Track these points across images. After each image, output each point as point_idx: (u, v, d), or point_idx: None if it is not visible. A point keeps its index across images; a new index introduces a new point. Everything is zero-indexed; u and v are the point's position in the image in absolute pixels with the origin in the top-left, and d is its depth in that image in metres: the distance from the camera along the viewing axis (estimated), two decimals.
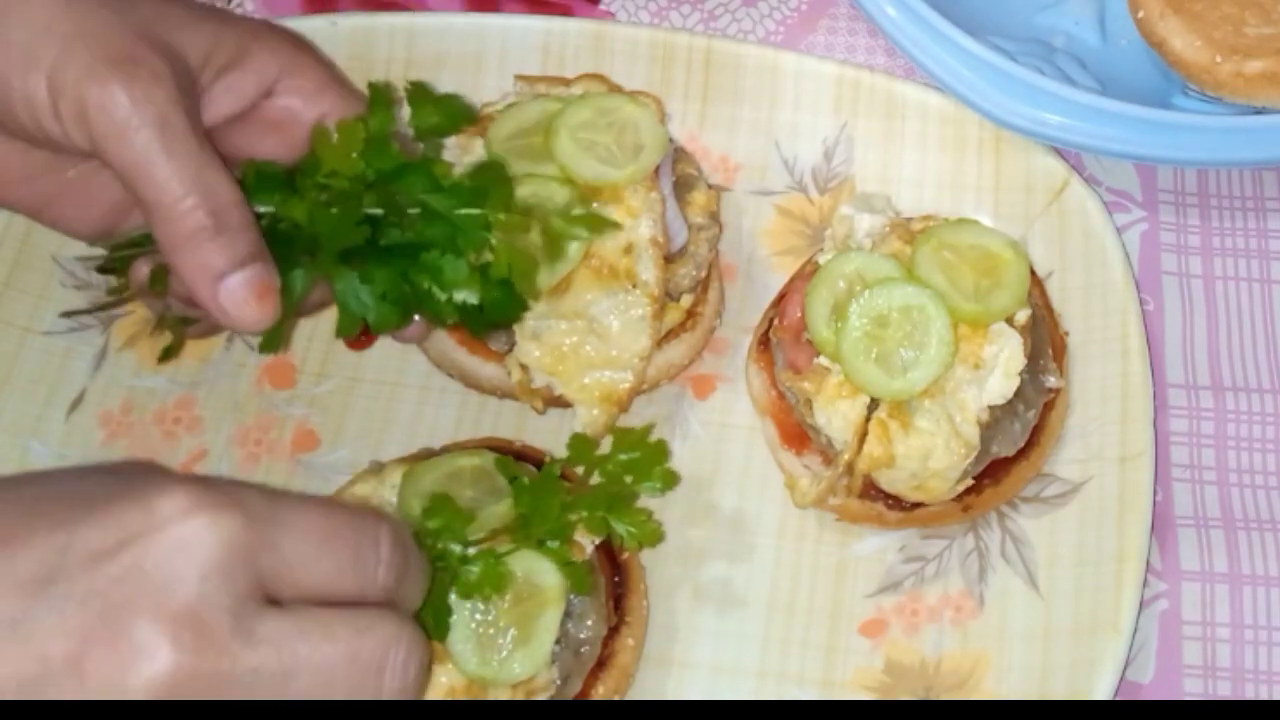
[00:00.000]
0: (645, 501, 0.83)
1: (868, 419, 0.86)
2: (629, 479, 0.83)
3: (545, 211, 0.86)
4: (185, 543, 0.59)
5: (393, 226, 0.82)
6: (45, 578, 0.58)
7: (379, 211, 0.81)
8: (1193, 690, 0.89)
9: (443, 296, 0.82)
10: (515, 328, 0.92)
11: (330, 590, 0.63)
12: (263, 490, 0.64)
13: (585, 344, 0.92)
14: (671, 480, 0.84)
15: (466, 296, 0.82)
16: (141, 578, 0.58)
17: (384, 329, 0.83)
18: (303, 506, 0.64)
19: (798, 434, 0.92)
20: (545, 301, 0.90)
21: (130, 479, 0.62)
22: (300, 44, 0.87)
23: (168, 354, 0.88)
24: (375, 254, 0.81)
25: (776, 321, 0.93)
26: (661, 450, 0.84)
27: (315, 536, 0.63)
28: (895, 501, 0.90)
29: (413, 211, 0.82)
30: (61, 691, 0.58)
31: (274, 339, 0.82)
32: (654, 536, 0.82)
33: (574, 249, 0.88)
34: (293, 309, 0.81)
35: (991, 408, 0.87)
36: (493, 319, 0.84)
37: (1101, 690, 0.84)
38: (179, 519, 0.59)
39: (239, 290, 0.77)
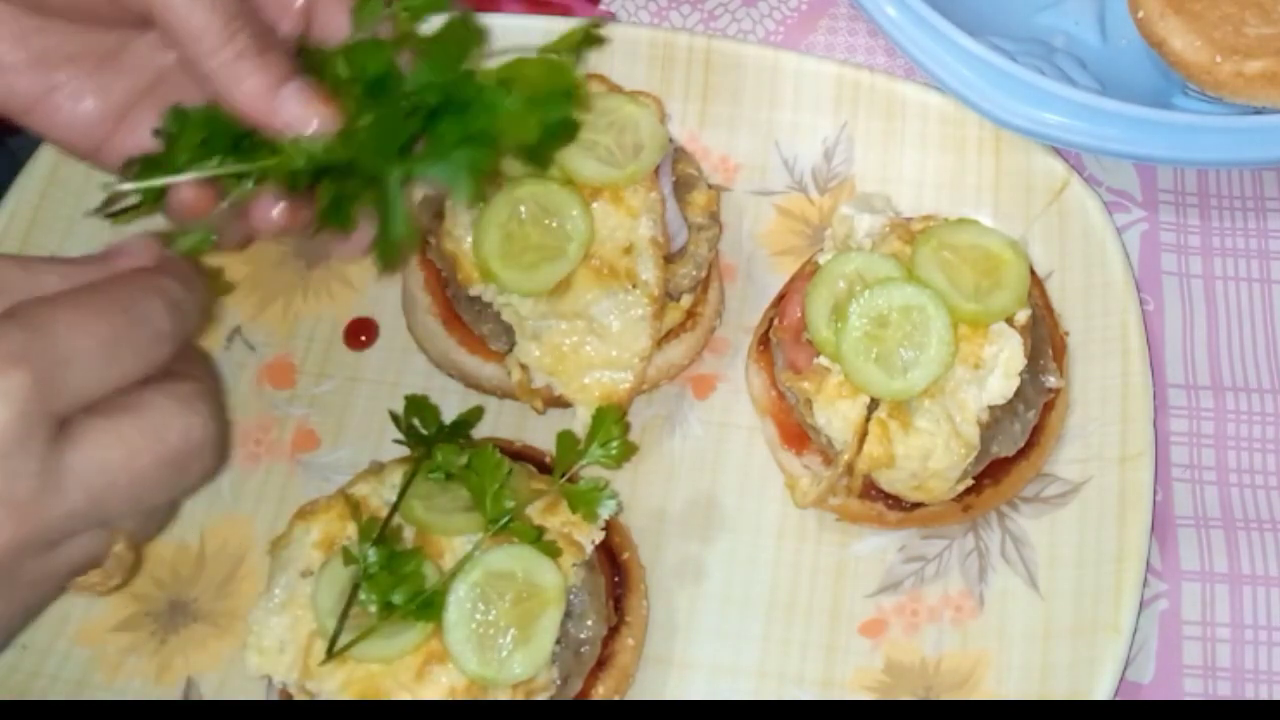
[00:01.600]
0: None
1: (868, 419, 0.86)
2: (581, 446, 0.84)
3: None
4: None
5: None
6: None
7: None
8: (1193, 690, 0.89)
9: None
10: (515, 328, 0.92)
11: (125, 383, 0.65)
12: (31, 322, 0.62)
13: (585, 344, 0.92)
14: (627, 451, 0.85)
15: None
16: None
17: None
18: (79, 322, 0.63)
19: (798, 434, 0.92)
20: (546, 301, 0.90)
21: None
22: None
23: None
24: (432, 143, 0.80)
25: (776, 321, 0.93)
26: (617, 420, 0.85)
27: (100, 353, 0.63)
28: (895, 501, 0.90)
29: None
30: None
31: (392, 253, 0.80)
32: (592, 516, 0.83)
33: (574, 249, 0.88)
34: (399, 216, 0.80)
35: (991, 408, 0.87)
36: None
37: (1101, 690, 0.84)
38: None
39: (296, 96, 0.76)
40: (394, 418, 0.87)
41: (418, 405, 0.87)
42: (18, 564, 0.62)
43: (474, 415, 0.89)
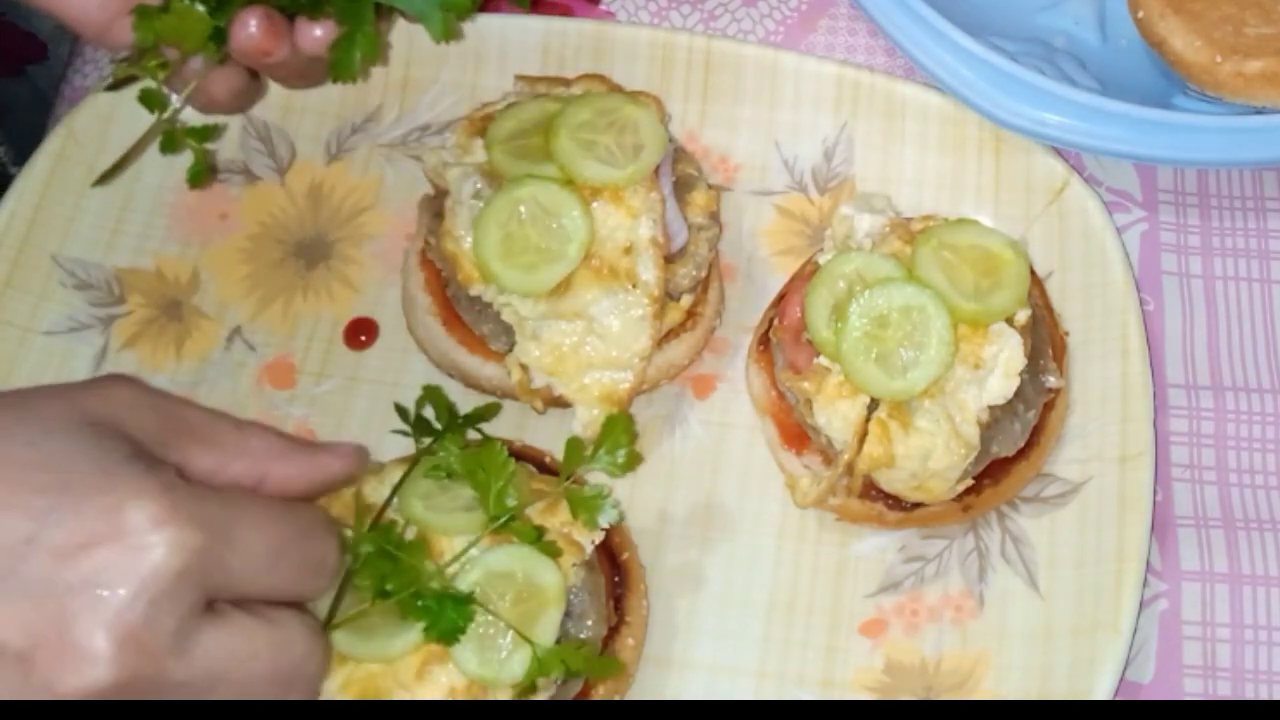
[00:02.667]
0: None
1: (868, 419, 0.86)
2: (587, 454, 0.84)
3: None
4: (144, 559, 0.62)
5: None
6: (14, 558, 0.62)
7: None
8: (1193, 690, 0.89)
9: None
10: (515, 328, 0.92)
11: (275, 597, 0.69)
12: (225, 501, 0.67)
13: (585, 344, 0.92)
14: (634, 461, 0.85)
15: None
16: (97, 588, 0.62)
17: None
18: (259, 522, 0.68)
19: (798, 434, 0.92)
20: (545, 301, 0.90)
21: (111, 466, 0.64)
22: None
23: (196, 177, 0.90)
24: None
25: (776, 321, 0.93)
26: (625, 427, 0.85)
27: (265, 555, 0.67)
28: (895, 501, 0.90)
29: None
30: (6, 677, 0.62)
31: (349, 65, 0.88)
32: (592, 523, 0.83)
33: (574, 250, 0.88)
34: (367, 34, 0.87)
35: (991, 408, 0.87)
36: None
37: (1101, 690, 0.84)
38: (143, 532, 0.62)
39: None
40: (399, 409, 0.87)
41: (433, 396, 0.87)
42: (120, 697, 0.64)
43: (490, 411, 0.89)
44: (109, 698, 0.63)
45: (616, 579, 0.88)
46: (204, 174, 0.92)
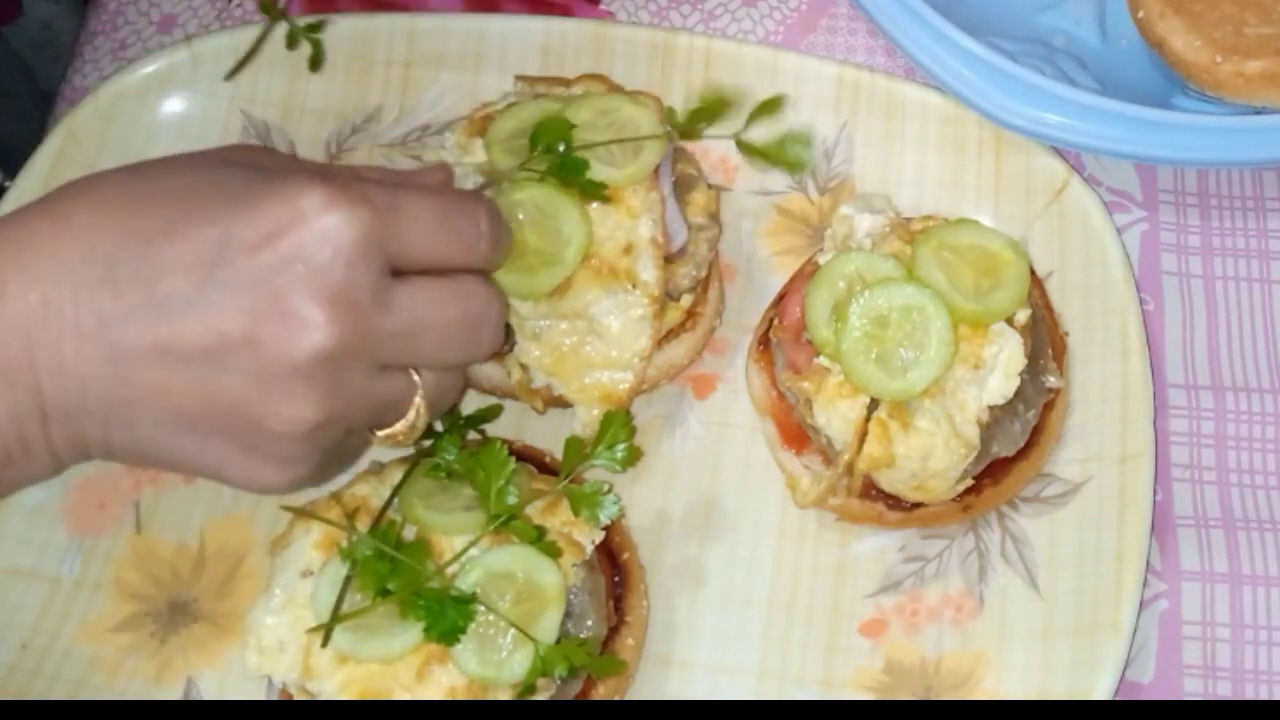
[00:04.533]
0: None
1: (868, 419, 0.86)
2: (588, 450, 0.85)
3: None
4: (328, 234, 0.69)
5: None
6: (210, 264, 0.69)
7: None
8: (1193, 690, 0.89)
9: None
10: (515, 328, 0.92)
11: (442, 263, 0.76)
12: (383, 183, 0.76)
13: (585, 344, 0.91)
14: (634, 456, 0.86)
15: None
16: (296, 265, 0.69)
17: None
18: (418, 195, 0.75)
19: (798, 434, 0.92)
20: (545, 302, 0.90)
21: (269, 175, 0.72)
22: None
23: (316, 62, 1.06)
24: None
25: (776, 321, 0.93)
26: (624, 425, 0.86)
27: (430, 221, 0.74)
28: (895, 501, 0.90)
29: None
30: (240, 361, 0.69)
31: None
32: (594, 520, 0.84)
33: (572, 254, 0.88)
34: None
35: (991, 408, 0.87)
36: None
37: (1101, 690, 0.84)
38: (320, 213, 0.69)
39: None
40: None
41: None
42: (347, 366, 0.71)
43: (491, 412, 0.89)
44: (340, 363, 0.70)
45: (616, 579, 0.88)
46: (320, 60, 1.06)
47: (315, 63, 1.06)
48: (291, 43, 1.05)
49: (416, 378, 0.77)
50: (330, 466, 0.81)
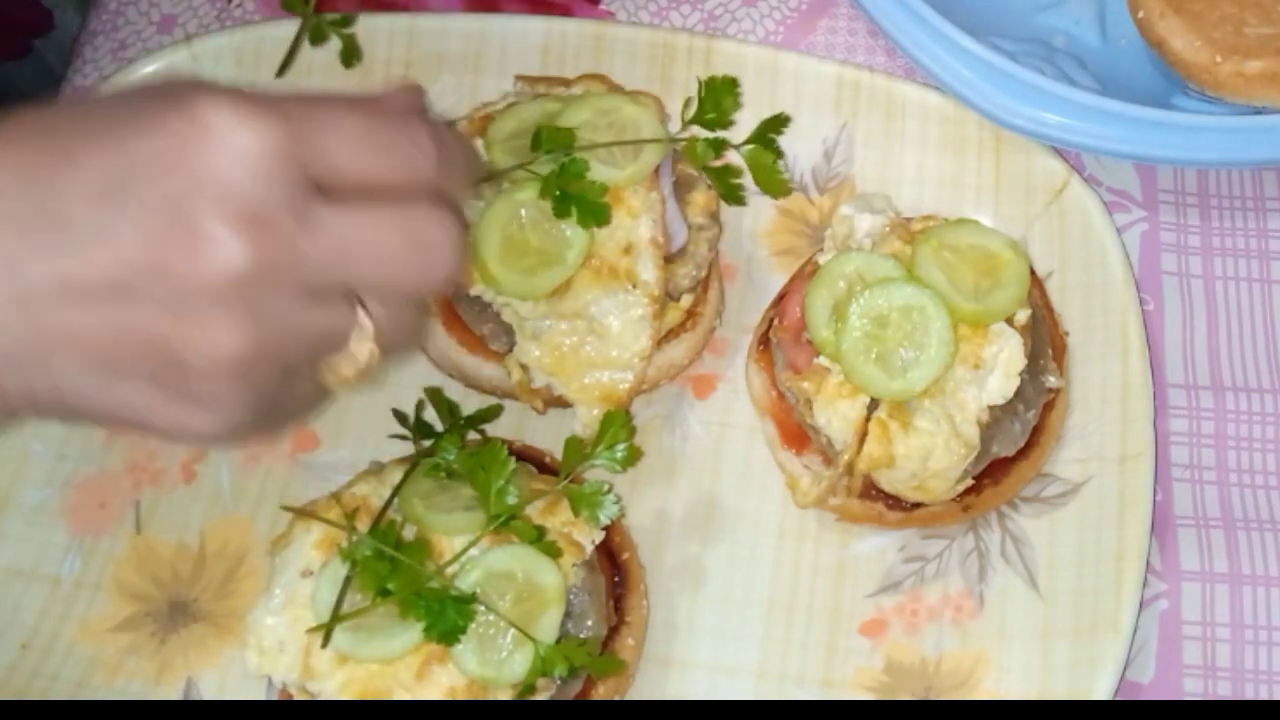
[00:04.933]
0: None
1: (868, 419, 0.86)
2: (587, 450, 0.84)
3: None
4: (237, 149, 0.63)
5: None
6: (113, 190, 0.63)
7: None
8: (1193, 690, 0.89)
9: None
10: (515, 328, 0.92)
11: (375, 178, 0.67)
12: (299, 96, 0.68)
13: (585, 344, 0.91)
14: (634, 456, 0.85)
15: None
16: (202, 183, 0.63)
17: None
18: (342, 108, 0.68)
19: (798, 434, 0.92)
20: (545, 302, 0.90)
21: (173, 92, 0.65)
22: None
23: (349, 57, 1.05)
24: None
25: (776, 321, 0.93)
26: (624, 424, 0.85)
27: (354, 132, 0.67)
28: (895, 501, 0.90)
29: None
30: (149, 291, 0.63)
31: None
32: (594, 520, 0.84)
33: (573, 256, 0.88)
34: None
35: (991, 408, 0.87)
36: None
37: (1101, 690, 0.84)
38: (228, 128, 0.63)
39: None
40: (397, 415, 0.87)
41: (434, 397, 0.87)
42: (268, 290, 0.65)
43: (491, 413, 0.89)
44: (254, 286, 0.63)
45: (616, 579, 0.88)
46: (354, 54, 1.06)
47: (349, 57, 1.07)
48: (317, 38, 1.06)
49: (361, 311, 0.70)
50: (275, 414, 0.72)
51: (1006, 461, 0.90)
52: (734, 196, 0.97)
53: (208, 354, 0.65)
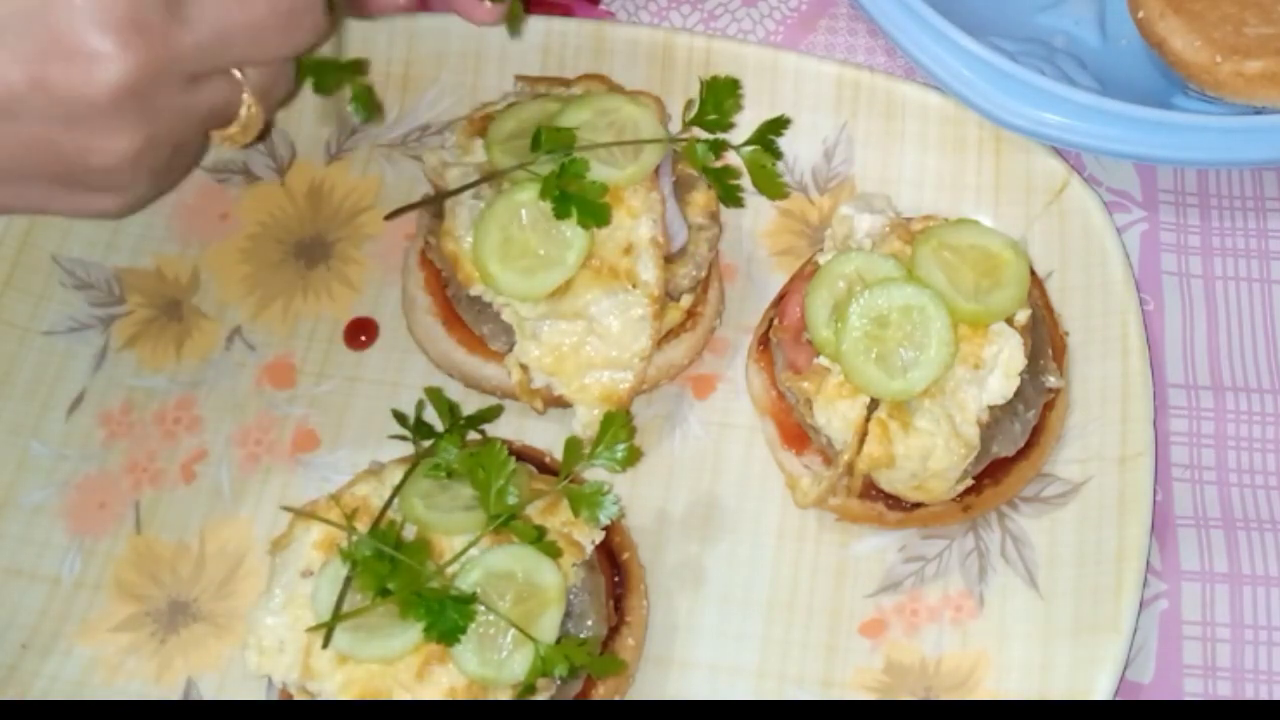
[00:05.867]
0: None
1: (868, 419, 0.86)
2: (586, 450, 0.85)
3: None
4: None
5: None
6: None
7: None
8: (1193, 690, 0.89)
9: None
10: (515, 328, 0.92)
11: None
12: None
13: (585, 344, 0.92)
14: (633, 456, 0.85)
15: None
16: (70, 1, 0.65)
17: None
18: None
19: (798, 434, 0.92)
20: (546, 302, 0.90)
21: None
22: None
23: (364, 107, 0.90)
24: None
25: (776, 321, 0.93)
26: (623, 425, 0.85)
27: None
28: (895, 501, 0.90)
29: None
30: (33, 110, 0.66)
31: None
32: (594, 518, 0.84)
33: (572, 257, 0.88)
34: None
35: (991, 408, 0.87)
36: None
37: (1101, 690, 0.84)
38: None
39: None
40: (397, 416, 0.87)
41: (434, 397, 0.87)
42: (155, 89, 0.68)
43: (491, 413, 0.89)
44: (145, 88, 0.67)
45: (616, 579, 0.88)
46: (369, 104, 0.90)
47: (363, 107, 0.90)
48: (322, 83, 0.89)
49: (239, 76, 0.74)
50: (168, 176, 0.78)
51: (1006, 461, 0.90)
52: (732, 198, 0.97)
53: (107, 155, 0.69)
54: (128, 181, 0.72)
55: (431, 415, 0.88)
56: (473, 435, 0.88)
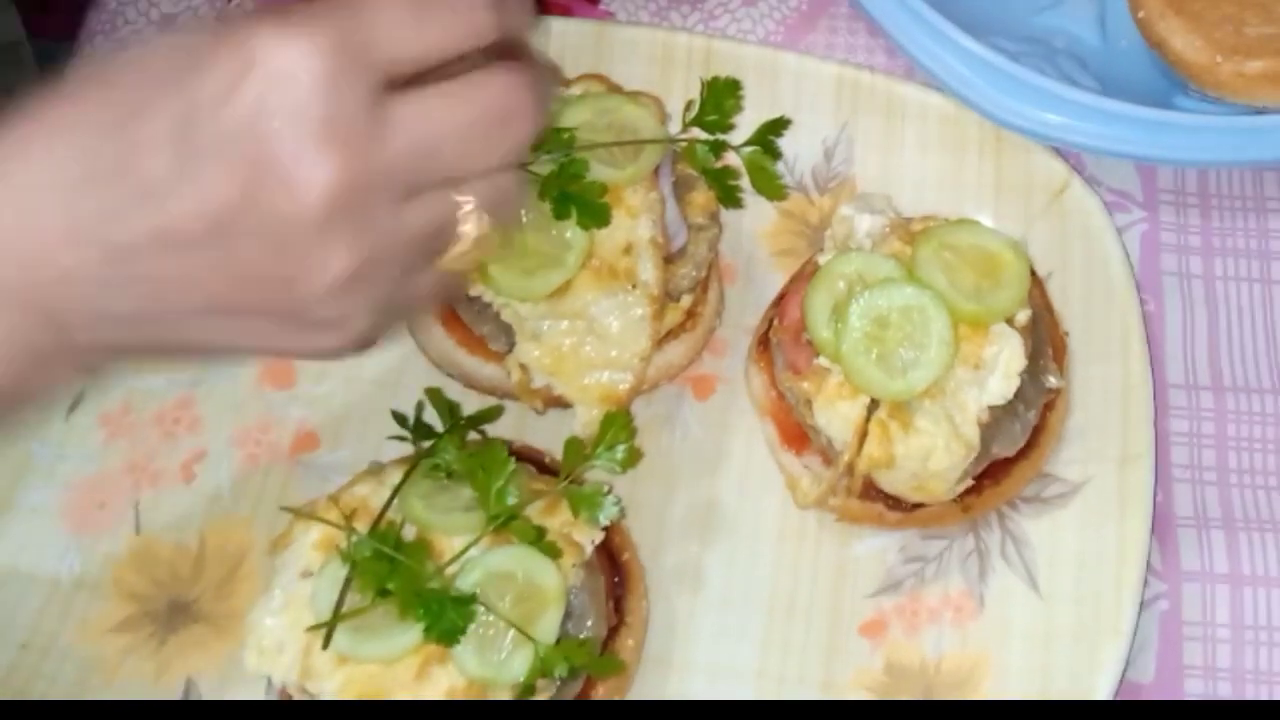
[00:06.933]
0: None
1: (868, 419, 0.86)
2: (587, 451, 0.84)
3: None
4: (291, 70, 0.62)
5: None
6: (182, 135, 0.62)
7: None
8: (1193, 690, 0.89)
9: None
10: (515, 328, 0.92)
11: (442, 53, 0.66)
12: (338, 1, 0.66)
13: (585, 344, 0.91)
14: (634, 457, 0.85)
15: None
16: (270, 109, 0.62)
17: None
18: None
19: (798, 434, 0.92)
20: (545, 302, 0.90)
21: (217, 31, 0.64)
22: None
23: None
24: None
25: (776, 322, 0.93)
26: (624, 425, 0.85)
27: (401, 16, 0.65)
28: (895, 502, 0.90)
29: None
30: (246, 230, 0.63)
31: None
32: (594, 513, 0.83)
33: (572, 258, 0.88)
34: None
35: (991, 408, 0.87)
36: None
37: (1102, 691, 0.84)
38: (276, 50, 0.62)
39: None
40: (397, 417, 0.87)
41: (434, 397, 0.87)
42: (364, 205, 0.64)
43: (491, 414, 0.89)
44: (350, 200, 0.63)
45: (616, 579, 0.88)
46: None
47: None
48: None
49: (456, 195, 0.69)
50: (392, 310, 0.72)
51: (1007, 462, 0.90)
52: (732, 199, 0.96)
53: (320, 279, 0.65)
54: (347, 311, 0.67)
55: (431, 415, 0.88)
56: (473, 435, 0.88)
